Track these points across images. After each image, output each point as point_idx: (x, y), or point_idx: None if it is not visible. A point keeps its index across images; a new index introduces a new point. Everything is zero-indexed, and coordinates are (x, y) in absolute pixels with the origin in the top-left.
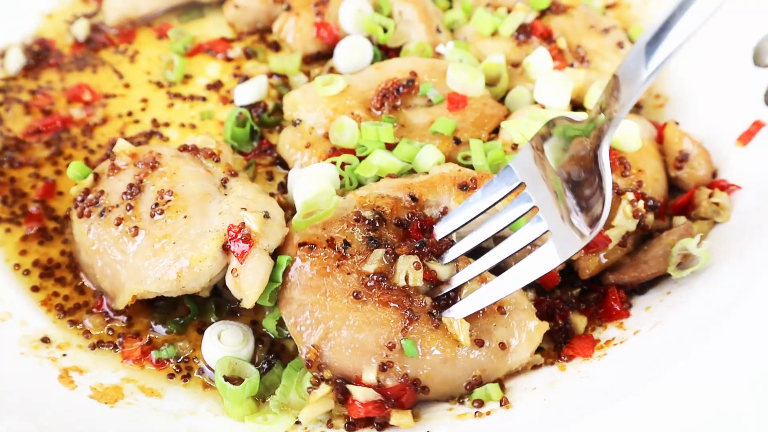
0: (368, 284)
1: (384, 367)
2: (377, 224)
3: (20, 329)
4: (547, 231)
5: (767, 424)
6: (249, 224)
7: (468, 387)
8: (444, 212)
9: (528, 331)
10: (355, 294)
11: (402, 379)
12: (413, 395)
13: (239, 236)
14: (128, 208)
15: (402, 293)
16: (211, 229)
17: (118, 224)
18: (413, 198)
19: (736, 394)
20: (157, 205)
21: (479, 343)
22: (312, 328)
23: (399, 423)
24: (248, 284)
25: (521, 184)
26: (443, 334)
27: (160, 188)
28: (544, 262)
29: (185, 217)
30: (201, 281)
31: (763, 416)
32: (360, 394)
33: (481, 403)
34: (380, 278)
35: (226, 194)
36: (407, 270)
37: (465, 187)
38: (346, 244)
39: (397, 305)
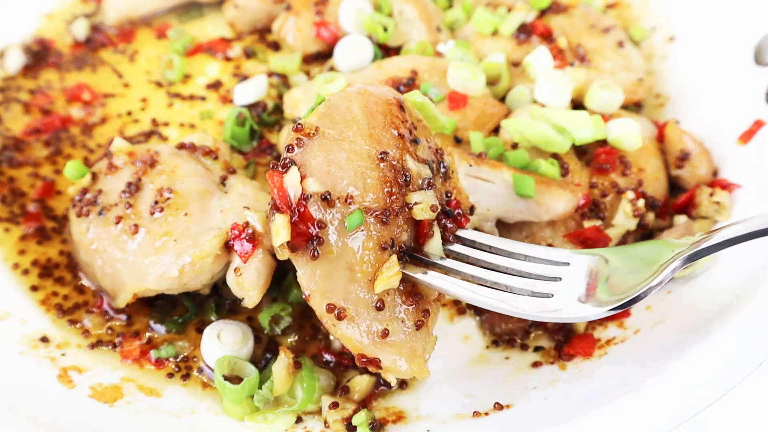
0: (394, 166)
1: (325, 198)
2: (441, 172)
3: (19, 328)
4: (551, 295)
5: (767, 423)
6: (253, 224)
7: (329, 308)
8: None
9: (407, 358)
10: (382, 154)
11: (318, 222)
12: (303, 242)
13: (243, 235)
14: (127, 206)
15: (402, 203)
16: (213, 227)
17: (117, 223)
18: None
19: (737, 393)
20: (156, 202)
21: (379, 306)
22: (335, 122)
23: (275, 228)
24: (251, 284)
25: (566, 263)
26: (377, 262)
27: (160, 186)
28: (520, 306)
29: (186, 214)
30: (203, 278)
31: (763, 415)
32: (291, 180)
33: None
34: (405, 176)
35: (225, 192)
36: (424, 201)
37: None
38: (416, 141)
39: (388, 195)
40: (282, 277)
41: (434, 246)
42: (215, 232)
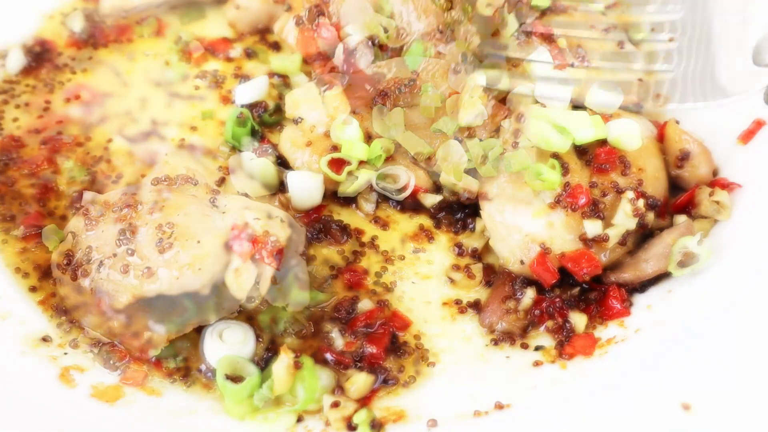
0: None
1: (385, 31)
2: None
3: (20, 328)
4: (671, 71)
5: (767, 423)
6: (252, 224)
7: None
8: None
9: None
10: None
11: (373, 78)
12: (368, 102)
13: (243, 235)
14: (130, 253)
15: (460, 8)
16: (213, 227)
17: (125, 272)
18: None
19: (738, 393)
20: (161, 240)
21: (471, 133)
22: None
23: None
24: (251, 285)
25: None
26: (456, 87)
27: (158, 224)
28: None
29: (198, 242)
30: (203, 278)
31: (763, 415)
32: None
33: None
34: None
35: (223, 213)
36: None
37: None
38: None
39: (442, 9)
40: (282, 278)
41: (512, 24)
42: (215, 232)
